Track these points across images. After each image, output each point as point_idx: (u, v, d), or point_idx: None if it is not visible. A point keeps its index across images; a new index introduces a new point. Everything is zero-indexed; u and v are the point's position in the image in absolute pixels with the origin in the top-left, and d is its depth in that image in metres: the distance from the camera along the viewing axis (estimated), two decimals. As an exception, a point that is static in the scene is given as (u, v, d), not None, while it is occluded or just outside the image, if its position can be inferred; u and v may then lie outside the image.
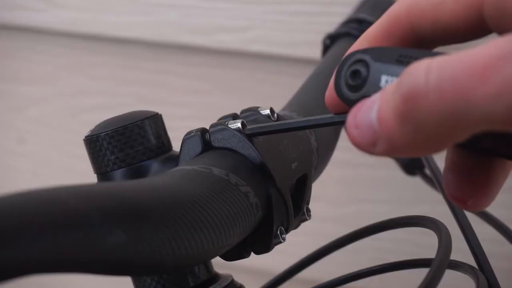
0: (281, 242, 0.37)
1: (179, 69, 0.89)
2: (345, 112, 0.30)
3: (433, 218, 0.36)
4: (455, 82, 0.25)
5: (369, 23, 0.65)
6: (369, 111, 0.28)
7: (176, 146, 0.39)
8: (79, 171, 0.78)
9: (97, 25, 0.91)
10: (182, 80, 0.90)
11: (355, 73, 0.30)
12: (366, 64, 0.30)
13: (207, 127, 0.38)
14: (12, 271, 0.23)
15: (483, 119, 0.25)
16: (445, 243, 0.33)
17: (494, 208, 0.51)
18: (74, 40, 0.94)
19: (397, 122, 0.26)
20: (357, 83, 0.30)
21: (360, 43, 0.32)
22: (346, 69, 0.31)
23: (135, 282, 0.39)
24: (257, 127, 0.37)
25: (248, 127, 0.37)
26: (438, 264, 0.32)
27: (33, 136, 1.00)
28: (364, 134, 0.28)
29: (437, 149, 0.27)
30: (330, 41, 0.63)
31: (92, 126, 0.39)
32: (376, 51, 0.30)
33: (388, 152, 0.27)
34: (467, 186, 0.32)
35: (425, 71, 0.25)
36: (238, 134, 0.37)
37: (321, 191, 0.48)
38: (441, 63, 0.25)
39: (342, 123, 0.32)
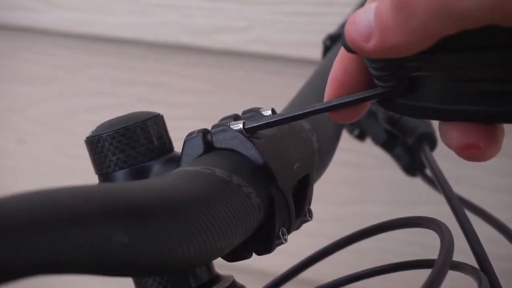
0: (282, 243, 0.37)
1: (179, 70, 0.90)
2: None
3: (435, 219, 0.36)
4: None
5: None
6: (368, 11, 0.30)
7: (176, 146, 0.39)
8: (79, 172, 0.78)
9: (97, 26, 0.91)
10: (182, 81, 0.90)
11: None
12: None
13: (208, 128, 0.38)
14: (15, 272, 0.23)
15: (469, 12, 0.27)
16: (447, 244, 0.33)
17: (493, 209, 0.51)
18: (74, 40, 0.94)
19: (392, 12, 0.28)
20: None
21: None
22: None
23: (136, 283, 0.39)
24: (255, 121, 0.37)
25: (247, 122, 0.37)
26: (441, 265, 0.32)
27: (33, 137, 1.00)
28: (360, 29, 0.30)
29: (425, 41, 0.29)
30: (331, 41, 0.63)
31: (92, 127, 0.38)
32: None
33: (379, 45, 0.29)
34: (474, 130, 0.32)
35: None
36: (240, 135, 0.37)
37: (322, 192, 0.48)
38: None
39: (335, 107, 0.34)
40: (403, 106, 0.33)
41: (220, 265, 0.39)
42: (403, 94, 0.33)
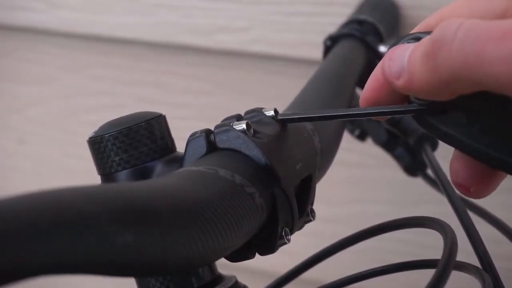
0: (285, 243, 0.37)
1: (179, 70, 0.89)
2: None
3: (438, 219, 0.36)
4: (476, 40, 0.28)
5: (370, 24, 0.65)
6: (405, 51, 0.33)
7: (177, 146, 0.39)
8: (79, 172, 0.78)
9: (97, 26, 0.91)
10: (182, 81, 0.90)
11: None
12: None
13: (209, 128, 0.38)
14: (19, 273, 0.23)
15: (490, 78, 0.28)
16: (451, 244, 0.33)
17: (495, 209, 0.51)
18: (74, 40, 0.94)
19: (420, 61, 0.31)
20: None
21: (418, 28, 0.36)
22: (403, 42, 0.34)
23: (139, 283, 0.38)
24: (290, 114, 0.39)
25: (281, 113, 0.39)
26: (444, 265, 0.32)
27: (33, 137, 1.00)
28: (394, 66, 0.33)
29: (445, 95, 0.31)
30: (332, 42, 0.63)
31: (92, 127, 0.38)
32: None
33: (406, 85, 0.32)
34: (472, 174, 0.35)
35: (457, 26, 0.29)
36: (243, 135, 0.37)
37: (323, 192, 0.48)
38: (472, 24, 0.29)
39: (367, 115, 0.36)
40: (431, 125, 0.35)
41: (223, 265, 0.38)
42: (434, 115, 0.35)
